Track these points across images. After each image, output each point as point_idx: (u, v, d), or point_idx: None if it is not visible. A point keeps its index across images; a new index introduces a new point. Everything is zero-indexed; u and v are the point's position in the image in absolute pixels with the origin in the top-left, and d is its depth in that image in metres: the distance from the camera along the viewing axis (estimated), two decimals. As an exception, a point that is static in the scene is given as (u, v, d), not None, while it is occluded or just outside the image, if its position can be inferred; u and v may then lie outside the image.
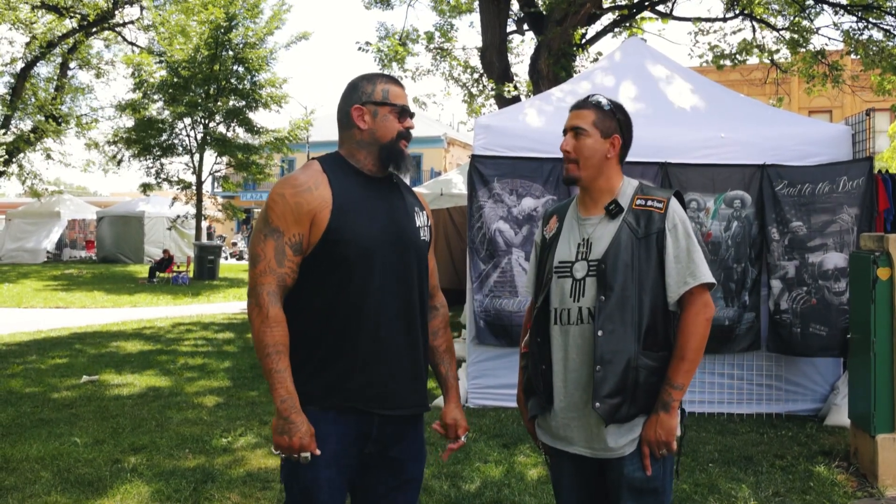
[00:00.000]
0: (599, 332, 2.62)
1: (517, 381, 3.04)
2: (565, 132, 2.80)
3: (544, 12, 13.57)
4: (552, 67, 12.16)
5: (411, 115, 2.69)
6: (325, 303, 2.53)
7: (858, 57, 14.16)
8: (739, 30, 15.83)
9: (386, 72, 15.95)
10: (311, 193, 2.52)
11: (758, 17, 15.04)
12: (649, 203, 2.72)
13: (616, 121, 2.78)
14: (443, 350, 2.85)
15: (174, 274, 22.30)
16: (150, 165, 25.77)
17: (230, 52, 24.40)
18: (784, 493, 5.03)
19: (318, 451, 2.47)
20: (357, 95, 2.65)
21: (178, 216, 26.83)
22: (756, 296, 6.85)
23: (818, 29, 14.58)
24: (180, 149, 25.57)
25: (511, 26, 14.77)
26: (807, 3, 14.40)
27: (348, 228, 2.52)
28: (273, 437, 2.48)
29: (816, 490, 5.06)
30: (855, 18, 14.12)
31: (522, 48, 16.79)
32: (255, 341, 2.50)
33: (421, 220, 2.74)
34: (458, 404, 2.86)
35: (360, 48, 16.13)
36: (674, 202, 2.73)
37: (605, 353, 2.62)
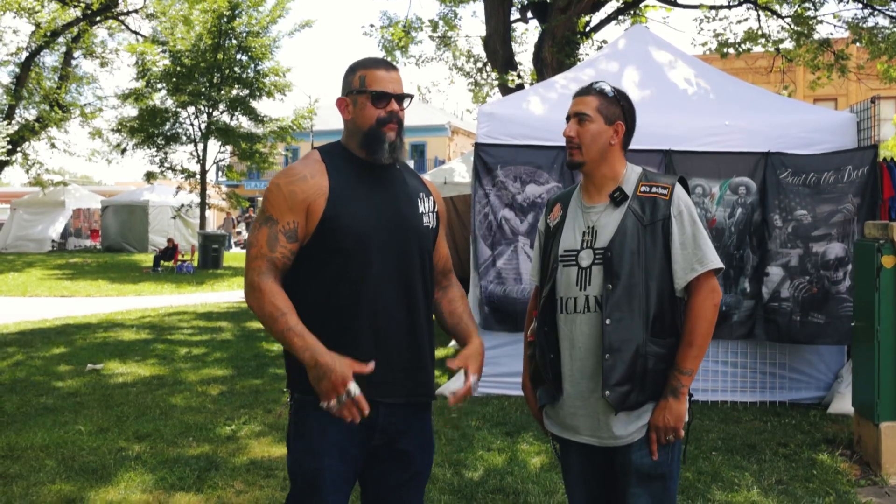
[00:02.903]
0: (607, 321, 2.62)
1: (522, 370, 3.04)
2: (569, 118, 2.79)
3: (548, 0, 13.52)
4: (556, 55, 12.12)
5: (397, 98, 2.61)
6: (323, 291, 2.52)
7: (864, 45, 14.08)
8: (745, 19, 15.76)
9: (388, 59, 15.92)
10: (305, 182, 2.53)
11: (763, 5, 14.96)
12: (654, 190, 2.72)
13: (620, 107, 2.77)
14: (461, 311, 2.81)
15: (178, 263, 22.33)
16: (154, 154, 25.76)
17: (233, 41, 24.34)
18: (787, 480, 5.03)
19: (368, 369, 2.38)
20: (343, 87, 2.66)
21: (183, 205, 26.84)
22: (757, 284, 6.84)
23: (823, 18, 14.52)
24: (184, 138, 25.56)
25: (515, 14, 14.72)
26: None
27: (345, 215, 2.51)
28: (316, 391, 2.38)
29: (819, 478, 5.05)
30: (861, 5, 14.04)
31: (526, 37, 16.80)
32: (260, 317, 2.47)
33: (425, 206, 2.71)
34: (479, 342, 2.73)
35: (364, 33, 16.23)
36: (678, 188, 2.73)
37: (613, 342, 2.62)
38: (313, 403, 2.52)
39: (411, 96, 2.68)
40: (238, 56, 24.77)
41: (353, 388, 2.34)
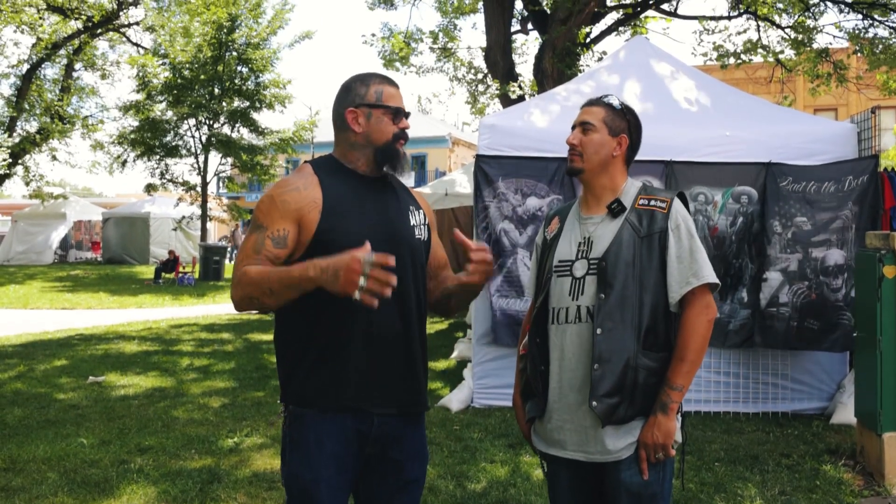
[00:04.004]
0: (598, 330, 2.60)
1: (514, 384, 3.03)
2: (574, 127, 2.80)
3: (548, 11, 13.57)
4: (556, 66, 12.15)
5: (406, 115, 2.67)
6: (317, 303, 2.50)
7: (864, 56, 14.12)
8: (745, 30, 15.83)
9: (389, 70, 16.02)
10: (298, 193, 2.54)
11: (762, 16, 15.02)
12: (652, 203, 2.71)
13: (626, 121, 2.78)
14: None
15: (179, 275, 22.33)
16: (155, 166, 25.82)
17: (233, 53, 24.43)
18: (790, 491, 5.02)
19: (367, 246, 2.26)
20: (351, 98, 2.64)
21: (184, 217, 26.87)
22: (754, 293, 6.83)
23: (822, 28, 14.59)
24: (184, 151, 25.61)
25: (515, 26, 14.78)
26: (811, 1, 14.37)
27: (338, 228, 2.52)
28: (343, 292, 2.26)
29: (823, 489, 5.05)
30: (860, 16, 14.09)
31: (526, 48, 16.94)
32: (251, 293, 2.42)
33: (417, 219, 2.72)
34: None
35: (365, 41, 16.29)
36: (677, 202, 2.72)
37: (603, 352, 2.59)
38: (309, 415, 2.53)
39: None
40: (238, 68, 24.86)
41: (366, 255, 2.23)
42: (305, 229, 2.52)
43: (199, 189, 25.37)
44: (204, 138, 25.12)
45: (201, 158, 25.32)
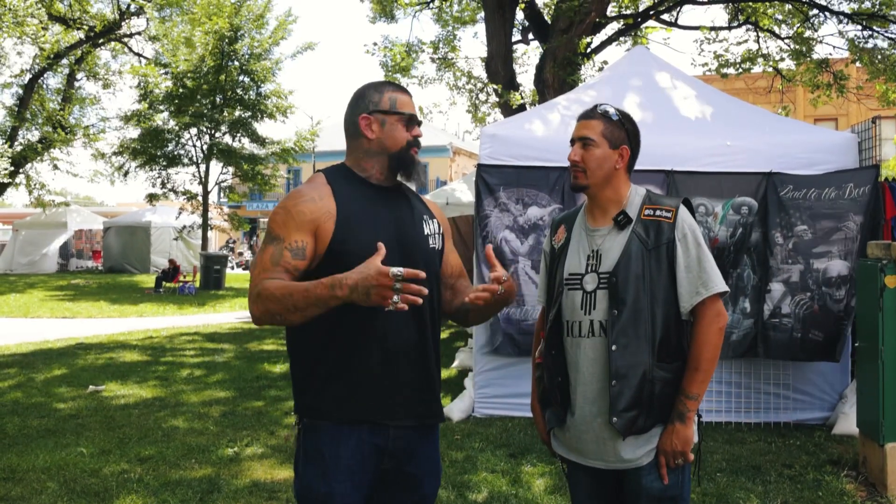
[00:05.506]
0: (613, 347, 2.61)
1: (530, 391, 3.04)
2: (573, 142, 2.78)
3: (549, 21, 13.60)
4: (557, 76, 12.17)
5: (419, 123, 2.66)
6: (331, 314, 2.47)
7: (863, 65, 14.16)
8: (744, 40, 15.87)
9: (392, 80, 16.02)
10: (314, 203, 2.52)
11: (762, 27, 15.06)
12: (658, 213, 2.70)
13: (624, 131, 2.76)
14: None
15: (180, 284, 22.32)
16: (157, 176, 25.84)
17: (236, 63, 24.49)
18: (792, 502, 5.00)
19: (382, 250, 2.27)
20: (364, 104, 2.62)
21: (185, 226, 26.88)
22: (757, 303, 6.82)
23: (822, 38, 14.62)
24: (186, 160, 25.63)
25: (516, 35, 14.80)
26: (811, 12, 14.42)
27: (353, 239, 2.50)
28: (376, 305, 2.25)
29: (825, 499, 5.03)
30: (860, 27, 14.12)
31: (527, 58, 16.93)
32: (274, 310, 2.37)
33: (431, 228, 2.71)
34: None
35: (367, 51, 16.36)
36: (682, 210, 2.72)
37: (620, 368, 2.61)
38: (324, 427, 2.50)
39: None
40: (240, 78, 24.91)
41: (395, 270, 2.21)
42: (321, 240, 2.49)
43: (200, 198, 25.38)
44: (205, 148, 25.15)
45: (202, 168, 25.35)
